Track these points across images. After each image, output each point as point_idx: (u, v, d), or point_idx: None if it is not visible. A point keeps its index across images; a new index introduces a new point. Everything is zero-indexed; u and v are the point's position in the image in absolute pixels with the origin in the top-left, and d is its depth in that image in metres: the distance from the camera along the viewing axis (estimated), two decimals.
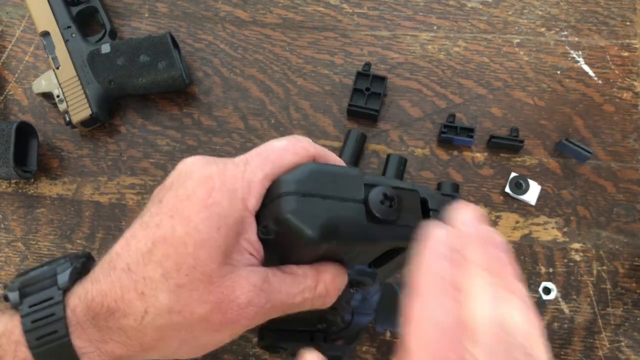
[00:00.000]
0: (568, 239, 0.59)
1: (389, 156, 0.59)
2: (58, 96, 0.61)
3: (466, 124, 0.62)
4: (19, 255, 0.60)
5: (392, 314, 0.47)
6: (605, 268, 0.58)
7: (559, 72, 0.64)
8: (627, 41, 0.64)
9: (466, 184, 0.61)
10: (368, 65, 0.63)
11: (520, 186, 0.60)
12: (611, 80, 0.63)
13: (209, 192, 0.31)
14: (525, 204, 0.60)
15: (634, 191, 0.60)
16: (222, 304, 0.30)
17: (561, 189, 0.61)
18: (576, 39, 0.65)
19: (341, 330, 0.41)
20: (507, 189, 0.60)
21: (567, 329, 0.57)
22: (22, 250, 0.60)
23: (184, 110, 0.63)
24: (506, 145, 0.61)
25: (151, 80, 0.60)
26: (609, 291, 0.58)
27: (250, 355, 0.56)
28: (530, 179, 0.60)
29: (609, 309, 0.57)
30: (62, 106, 0.61)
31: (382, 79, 0.62)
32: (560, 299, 0.58)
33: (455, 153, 0.62)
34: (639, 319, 0.57)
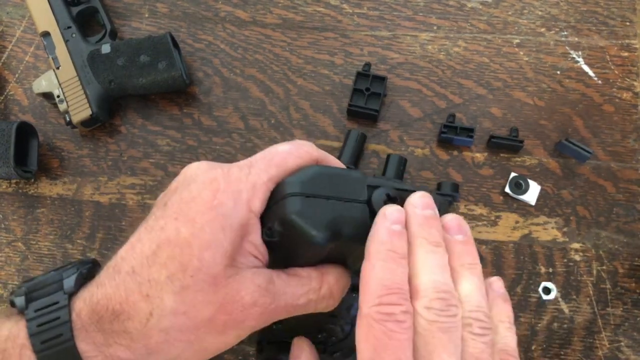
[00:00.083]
0: (568, 239, 0.59)
1: (389, 156, 0.59)
2: (58, 96, 0.61)
3: (466, 124, 0.62)
4: (19, 255, 0.60)
5: None
6: (605, 268, 0.58)
7: (558, 72, 0.64)
8: (627, 41, 0.64)
9: (466, 184, 0.61)
10: (368, 65, 0.63)
11: (520, 186, 0.60)
12: (611, 81, 0.63)
13: (214, 194, 0.31)
14: (525, 204, 0.60)
15: (633, 191, 0.61)
16: (227, 304, 0.31)
17: (561, 189, 0.61)
18: (576, 39, 0.65)
19: (340, 341, 0.41)
20: (507, 189, 0.60)
21: (567, 329, 0.57)
22: (22, 250, 0.60)
23: (184, 111, 0.63)
24: (506, 145, 0.61)
25: (151, 81, 0.60)
26: (608, 291, 0.58)
27: (250, 355, 0.56)
28: (530, 179, 0.60)
29: (608, 309, 0.58)
30: (62, 106, 0.60)
31: (382, 79, 0.62)
32: (560, 299, 0.58)
33: (455, 153, 0.62)
34: (638, 318, 0.57)
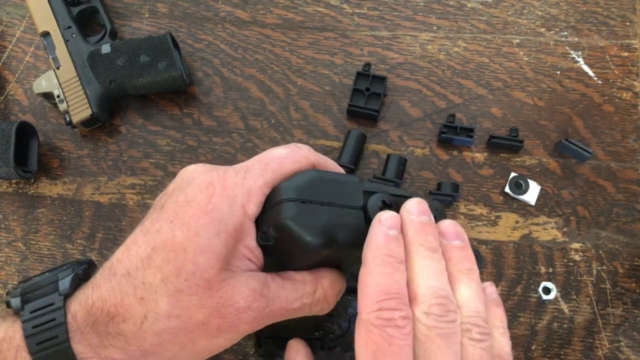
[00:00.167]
0: (568, 239, 0.59)
1: (389, 156, 0.59)
2: (58, 96, 0.61)
3: (466, 124, 0.62)
4: (19, 255, 0.60)
5: None
6: (604, 268, 0.58)
7: (558, 72, 0.64)
8: (627, 41, 0.64)
9: (466, 184, 0.61)
10: (368, 65, 0.63)
11: (520, 186, 0.60)
12: (611, 81, 0.63)
13: (209, 198, 0.31)
14: (525, 204, 0.60)
15: (633, 191, 0.60)
16: (221, 308, 0.31)
17: (561, 189, 0.61)
18: (576, 39, 0.65)
19: (338, 338, 0.41)
20: (507, 189, 0.60)
21: (567, 329, 0.57)
22: (22, 250, 0.60)
23: (184, 111, 0.63)
24: (506, 145, 0.61)
25: (151, 81, 0.60)
26: (608, 291, 0.58)
27: (250, 355, 0.56)
28: (530, 179, 0.60)
29: (608, 309, 0.57)
30: (62, 106, 0.61)
31: (382, 79, 0.62)
32: (560, 299, 0.58)
33: (455, 153, 0.62)
34: (638, 318, 0.57)
